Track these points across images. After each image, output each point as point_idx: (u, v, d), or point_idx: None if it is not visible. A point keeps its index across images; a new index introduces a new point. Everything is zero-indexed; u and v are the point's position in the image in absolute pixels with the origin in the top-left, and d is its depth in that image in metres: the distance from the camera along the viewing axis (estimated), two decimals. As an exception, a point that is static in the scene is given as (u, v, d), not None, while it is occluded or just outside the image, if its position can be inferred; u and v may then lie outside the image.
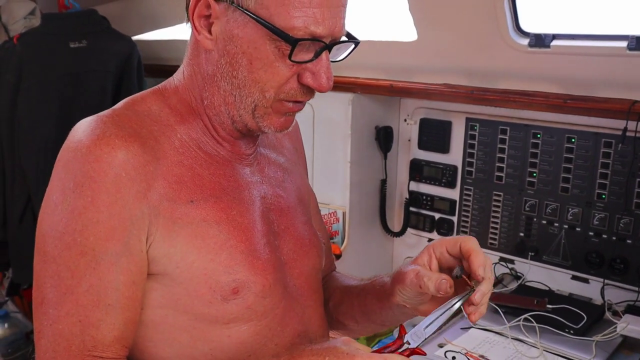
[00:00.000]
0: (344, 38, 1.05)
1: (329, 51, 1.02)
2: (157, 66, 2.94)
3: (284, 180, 1.22)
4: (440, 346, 1.81)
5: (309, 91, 1.05)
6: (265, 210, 1.14)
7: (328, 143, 2.44)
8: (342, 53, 1.09)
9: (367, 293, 1.22)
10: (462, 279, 1.04)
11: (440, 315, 1.01)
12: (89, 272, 0.94)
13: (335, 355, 0.92)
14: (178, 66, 1.15)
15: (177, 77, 1.12)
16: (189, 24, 1.06)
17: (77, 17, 2.59)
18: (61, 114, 2.55)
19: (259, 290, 1.06)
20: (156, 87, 1.13)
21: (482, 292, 1.00)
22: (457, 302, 1.01)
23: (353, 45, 1.08)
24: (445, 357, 1.74)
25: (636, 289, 1.93)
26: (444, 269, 1.07)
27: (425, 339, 0.99)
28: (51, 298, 0.95)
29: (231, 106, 1.05)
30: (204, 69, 1.07)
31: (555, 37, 1.82)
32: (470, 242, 1.03)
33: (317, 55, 1.01)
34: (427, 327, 1.00)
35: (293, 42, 0.97)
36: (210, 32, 1.02)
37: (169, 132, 1.05)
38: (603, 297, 1.98)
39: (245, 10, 0.98)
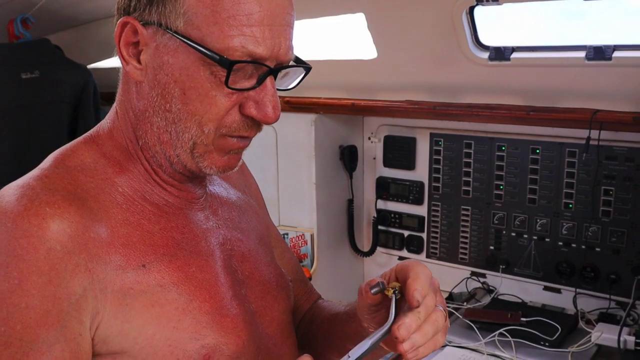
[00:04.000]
0: (292, 63, 0.95)
1: (275, 77, 0.91)
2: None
3: (240, 221, 1.11)
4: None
5: (254, 124, 0.92)
6: (226, 259, 1.03)
7: (292, 165, 2.41)
8: (291, 81, 0.98)
9: (349, 317, 1.08)
10: None
11: (368, 340, 0.87)
12: None
13: None
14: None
15: (109, 119, 1.00)
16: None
17: (28, 47, 2.51)
18: (15, 150, 2.47)
19: (233, 351, 0.94)
20: (87, 133, 1.00)
21: (405, 325, 0.83)
22: (381, 331, 0.87)
23: (303, 72, 0.97)
24: (423, 377, 1.70)
25: (607, 296, 1.94)
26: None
27: None
28: None
29: (167, 145, 0.93)
30: (135, 105, 0.95)
31: (514, 49, 1.82)
32: (415, 267, 0.88)
33: (261, 81, 0.89)
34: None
35: (228, 65, 0.85)
36: (139, 61, 0.92)
37: (108, 187, 0.93)
38: (576, 307, 1.98)
39: (175, 32, 0.87)
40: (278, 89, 0.93)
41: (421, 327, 0.85)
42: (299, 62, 0.97)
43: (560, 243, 2.04)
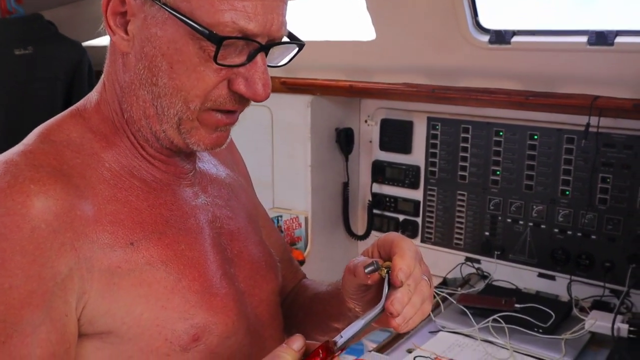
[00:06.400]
0: (285, 39, 0.91)
1: (266, 54, 0.88)
2: (109, 72, 2.85)
3: (229, 199, 1.09)
4: (409, 351, 1.78)
5: (241, 99, 0.89)
6: (215, 236, 1.00)
7: (287, 147, 2.39)
8: (283, 57, 0.94)
9: (332, 297, 1.08)
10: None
11: (360, 320, 0.87)
12: None
13: None
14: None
15: (97, 91, 0.97)
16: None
17: (21, 23, 2.49)
18: (9, 126, 2.45)
19: (222, 331, 0.93)
20: (74, 107, 0.97)
21: (398, 300, 0.84)
22: (374, 312, 0.87)
23: (296, 49, 0.94)
24: (415, 362, 1.70)
25: (602, 284, 1.93)
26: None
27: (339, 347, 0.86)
28: None
29: (152, 120, 0.90)
30: (121, 77, 0.92)
31: (515, 33, 1.80)
32: (400, 243, 0.88)
33: (251, 58, 0.86)
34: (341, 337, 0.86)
35: (218, 41, 0.82)
36: (126, 31, 0.88)
37: (95, 163, 0.90)
38: (570, 294, 1.97)
39: (164, 4, 0.83)
40: (269, 66, 0.90)
41: (410, 299, 0.86)
42: (292, 38, 0.94)
43: (556, 230, 2.03)
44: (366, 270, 0.88)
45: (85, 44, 2.77)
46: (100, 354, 0.87)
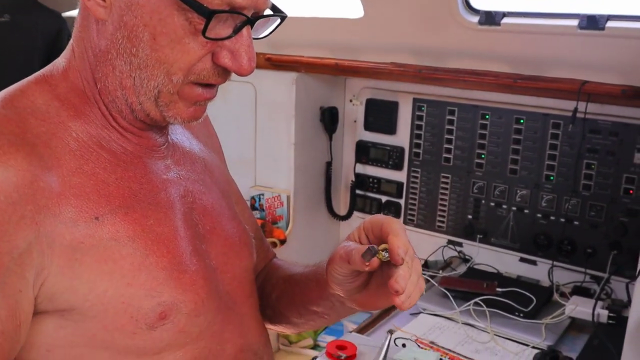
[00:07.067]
0: (268, 12, 0.88)
1: (251, 27, 0.85)
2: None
3: (202, 173, 1.05)
4: (390, 332, 1.77)
5: (224, 72, 0.87)
6: (187, 212, 0.96)
7: (271, 125, 2.36)
8: (264, 29, 0.91)
9: (309, 280, 1.06)
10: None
11: None
12: None
13: None
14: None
15: (65, 57, 0.91)
16: None
17: (-2, -10, 2.41)
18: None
19: (191, 309, 0.89)
20: (39, 73, 0.91)
21: (402, 277, 0.84)
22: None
23: (278, 20, 0.91)
24: (395, 344, 1.69)
25: (583, 270, 1.94)
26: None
27: None
28: None
29: (129, 91, 0.86)
30: (95, 44, 0.86)
31: (505, 14, 1.78)
32: (391, 223, 0.88)
33: (237, 30, 0.83)
34: None
35: (208, 14, 0.78)
36: None
37: (61, 132, 0.85)
38: (551, 279, 1.97)
39: None
40: (253, 38, 0.87)
41: (410, 275, 0.86)
42: (274, 10, 0.90)
43: (539, 215, 2.03)
44: (365, 259, 0.87)
45: (65, 14, 2.70)
46: (62, 332, 0.84)
